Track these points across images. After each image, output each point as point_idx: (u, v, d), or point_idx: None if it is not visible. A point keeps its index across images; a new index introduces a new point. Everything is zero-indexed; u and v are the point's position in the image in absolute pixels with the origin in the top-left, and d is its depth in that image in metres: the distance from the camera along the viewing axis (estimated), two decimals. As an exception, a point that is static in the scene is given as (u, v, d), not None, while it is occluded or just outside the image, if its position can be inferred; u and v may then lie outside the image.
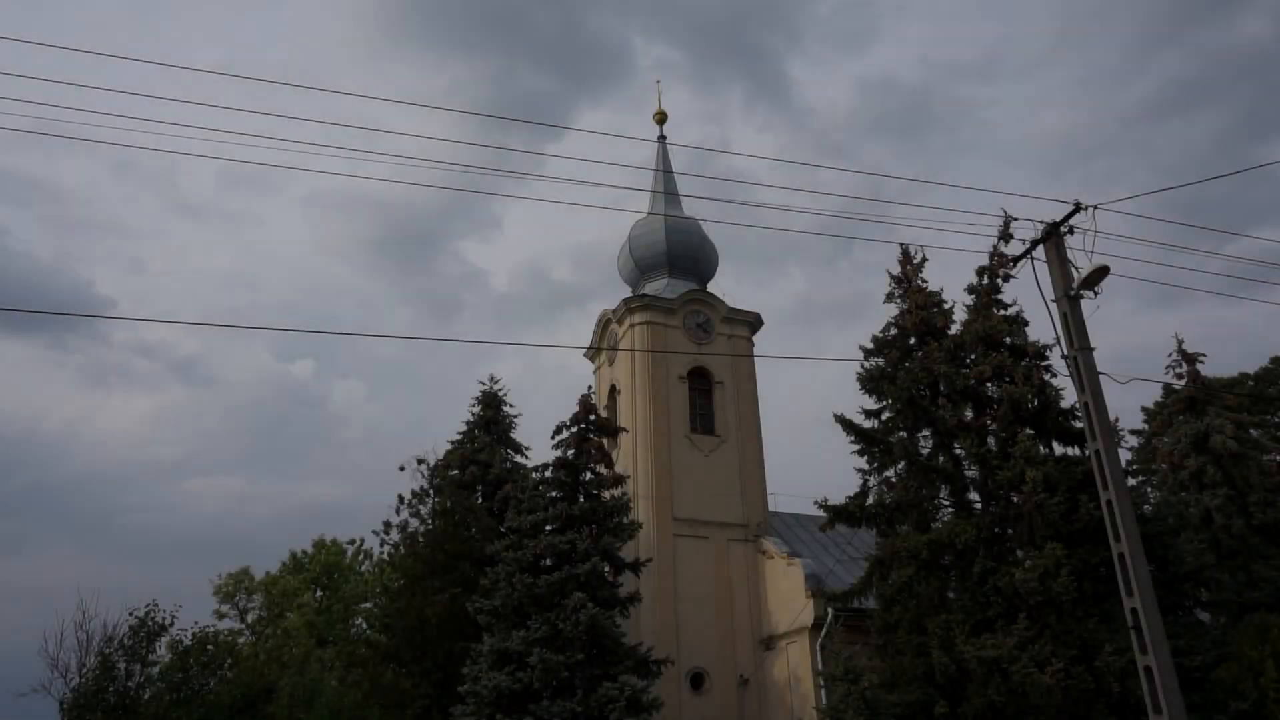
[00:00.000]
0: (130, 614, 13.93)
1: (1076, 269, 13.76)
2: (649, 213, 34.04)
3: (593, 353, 33.42)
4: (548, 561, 18.98)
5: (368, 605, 33.23)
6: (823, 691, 20.93)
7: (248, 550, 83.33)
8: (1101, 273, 13.32)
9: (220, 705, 13.16)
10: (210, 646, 14.54)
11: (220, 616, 29.05)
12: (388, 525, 24.15)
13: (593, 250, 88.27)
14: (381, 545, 25.11)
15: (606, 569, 19.58)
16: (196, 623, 14.95)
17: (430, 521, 23.10)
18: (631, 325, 30.54)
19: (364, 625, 32.12)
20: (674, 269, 32.78)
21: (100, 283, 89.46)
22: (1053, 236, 14.01)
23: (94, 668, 13.59)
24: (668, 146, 36.19)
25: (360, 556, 36.66)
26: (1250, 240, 68.61)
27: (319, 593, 34.36)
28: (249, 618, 29.21)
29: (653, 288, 32.08)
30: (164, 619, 14.02)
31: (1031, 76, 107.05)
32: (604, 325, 32.57)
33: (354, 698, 15.56)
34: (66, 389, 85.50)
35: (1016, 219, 15.50)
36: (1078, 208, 13.71)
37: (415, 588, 20.88)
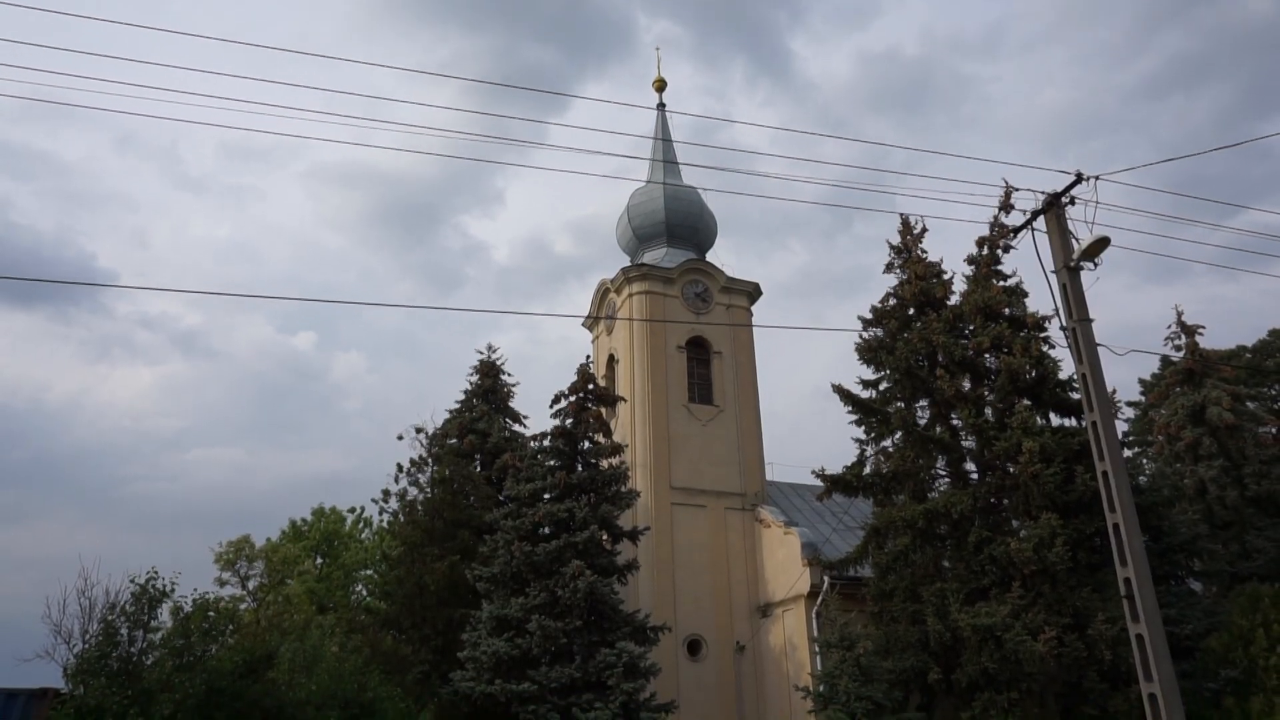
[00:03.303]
0: (131, 581, 13.99)
1: (1077, 240, 13.70)
2: (648, 181, 33.82)
3: (591, 322, 33.37)
4: (546, 529, 19.10)
5: (368, 573, 33.50)
6: (818, 658, 21.16)
7: (249, 520, 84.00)
8: (1102, 244, 13.27)
9: (222, 670, 13.26)
10: (211, 613, 14.63)
11: (221, 584, 29.27)
12: (387, 494, 24.26)
13: (594, 223, 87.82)
14: (381, 514, 25.30)
15: (604, 537, 19.71)
16: (196, 589, 15.02)
17: (429, 490, 23.19)
18: (630, 295, 30.46)
19: (364, 592, 32.42)
20: (673, 238, 32.63)
21: (103, 256, 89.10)
22: (1054, 207, 13.94)
23: (97, 634, 13.68)
24: (667, 115, 35.87)
25: (360, 525, 36.90)
26: (1251, 214, 68.34)
27: (319, 560, 34.62)
28: (250, 585, 29.44)
29: (651, 257, 31.96)
30: (164, 586, 14.09)
31: (1034, 52, 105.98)
32: (602, 295, 32.49)
33: (354, 663, 15.71)
34: (70, 361, 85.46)
35: (1017, 189, 15.44)
36: (1079, 178, 13.63)
37: (415, 555, 21.02)
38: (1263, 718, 17.37)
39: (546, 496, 19.52)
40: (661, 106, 35.82)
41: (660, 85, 36.04)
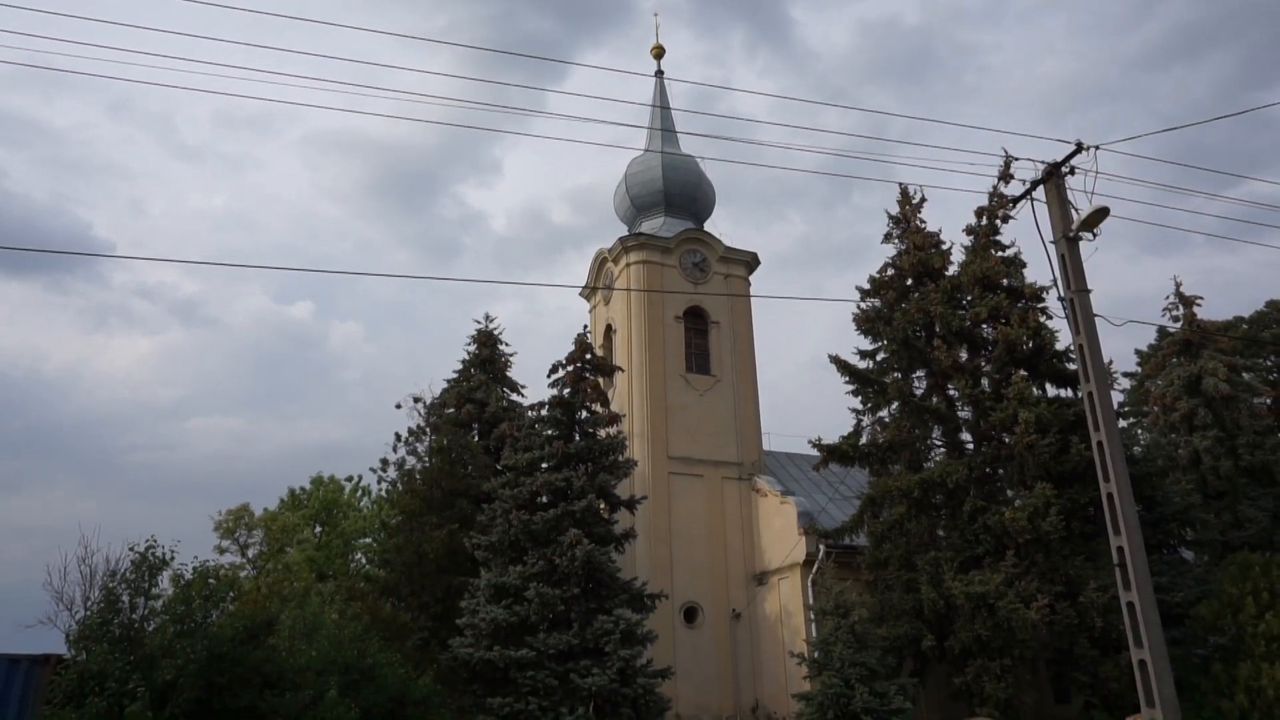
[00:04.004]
0: (131, 549, 14.08)
1: (1076, 210, 13.65)
2: (646, 150, 33.58)
3: (589, 292, 33.29)
4: (544, 498, 19.20)
5: (366, 541, 33.71)
6: (813, 625, 21.39)
7: (248, 489, 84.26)
8: (1101, 214, 13.21)
9: (223, 637, 13.37)
10: (212, 580, 14.74)
11: (221, 552, 29.47)
12: (385, 463, 24.35)
13: (592, 193, 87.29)
14: (379, 483, 25.41)
15: (602, 506, 19.82)
16: (196, 557, 15.12)
17: (427, 459, 23.26)
18: (627, 264, 30.36)
19: (363, 560, 32.64)
20: (670, 207, 32.46)
21: (98, 225, 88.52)
22: (1053, 177, 13.86)
23: (98, 601, 13.80)
24: (665, 83, 35.51)
25: (358, 494, 37.07)
26: (1250, 185, 67.98)
27: (318, 529, 34.82)
28: (249, 553, 29.64)
29: (649, 226, 31.81)
30: (164, 555, 14.18)
31: (1034, 21, 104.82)
32: (600, 264, 32.38)
33: (354, 630, 15.86)
34: (67, 331, 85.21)
35: (1017, 159, 15.36)
36: (1079, 148, 13.54)
37: (413, 524, 21.14)
38: (1250, 683, 17.64)
39: (544, 466, 19.60)
40: (660, 74, 35.46)
41: (659, 52, 35.66)
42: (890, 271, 23.36)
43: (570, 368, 20.73)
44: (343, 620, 17.03)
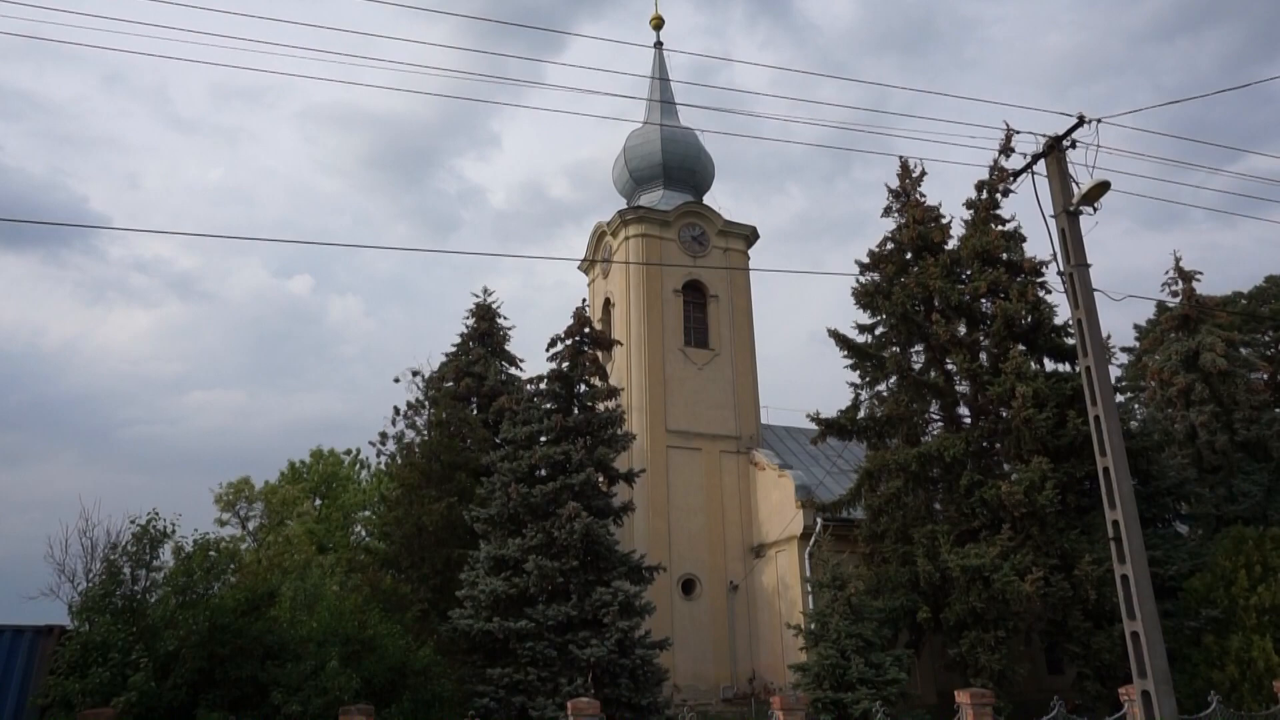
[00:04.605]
0: (131, 522, 14.14)
1: (1077, 184, 13.60)
2: (645, 122, 33.33)
3: (587, 265, 33.19)
4: (543, 472, 19.26)
5: (366, 514, 33.86)
6: (810, 597, 21.57)
7: (248, 462, 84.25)
8: (1102, 188, 13.16)
9: (225, 608, 13.48)
10: (213, 553, 14.82)
11: (222, 524, 29.61)
12: (384, 436, 24.35)
13: (590, 167, 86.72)
14: (378, 456, 25.41)
15: (600, 479, 19.88)
16: (197, 530, 15.19)
17: (426, 433, 23.29)
18: (626, 238, 30.25)
19: (363, 533, 32.80)
20: (670, 180, 32.29)
21: (94, 198, 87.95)
22: (1055, 150, 13.79)
23: (100, 573, 13.88)
24: (665, 54, 35.18)
25: (358, 467, 37.18)
26: (1252, 160, 67.62)
27: (318, 502, 34.96)
28: (250, 526, 29.78)
29: (648, 199, 31.66)
30: (165, 527, 14.24)
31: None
32: (598, 237, 32.26)
33: (354, 601, 15.97)
34: (65, 305, 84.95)
35: (1018, 132, 15.27)
36: (1081, 121, 13.46)
37: (412, 497, 21.21)
38: (1241, 654, 17.84)
39: (543, 439, 19.64)
40: (659, 45, 35.12)
41: (658, 23, 35.30)
42: (889, 246, 23.29)
43: (569, 341, 20.70)
44: (343, 592, 17.15)
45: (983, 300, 21.82)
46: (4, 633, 12.99)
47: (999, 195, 22.40)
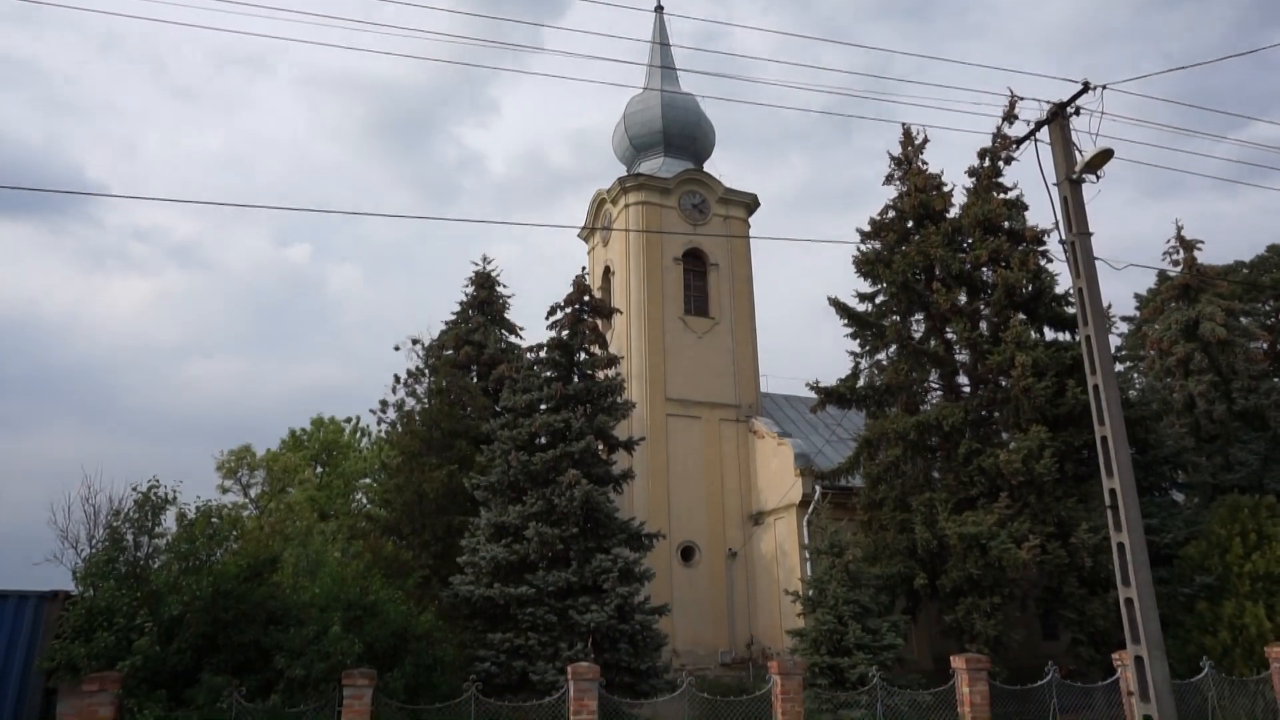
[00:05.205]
0: (133, 489, 14.21)
1: (1080, 152, 13.49)
2: (645, 88, 33.00)
3: (587, 233, 33.04)
4: (543, 440, 19.31)
5: (367, 481, 34.05)
6: (808, 564, 21.77)
7: (249, 430, 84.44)
8: (1105, 155, 13.06)
9: (228, 574, 13.60)
10: (215, 519, 14.92)
11: (224, 491, 29.79)
12: (384, 404, 24.39)
13: (591, 135, 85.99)
14: (379, 424, 25.48)
15: (600, 447, 19.94)
16: (199, 496, 15.28)
17: (426, 401, 23.33)
18: (626, 205, 30.08)
19: (364, 500, 33.01)
20: (670, 147, 32.03)
21: (92, 165, 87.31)
22: (1058, 117, 13.67)
23: (103, 539, 13.98)
24: (665, 19, 34.73)
25: (358, 435, 37.32)
26: (1257, 127, 67.06)
27: (319, 469, 35.14)
28: (252, 493, 29.96)
29: (648, 167, 31.43)
30: (167, 494, 14.32)
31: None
32: (598, 205, 32.08)
33: (356, 568, 16.11)
34: (63, 274, 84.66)
35: (1022, 99, 15.10)
36: (1086, 87, 13.32)
37: (413, 464, 21.29)
38: (1234, 620, 18.04)
39: (543, 407, 19.67)
40: (660, 9, 34.66)
41: (658, -14, 34.77)
42: (891, 214, 23.18)
43: (568, 310, 20.65)
44: (345, 559, 17.29)
45: (984, 269, 21.76)
46: (9, 598, 13.13)
47: (1001, 163, 22.25)
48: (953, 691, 15.39)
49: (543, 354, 20.54)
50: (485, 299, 26.28)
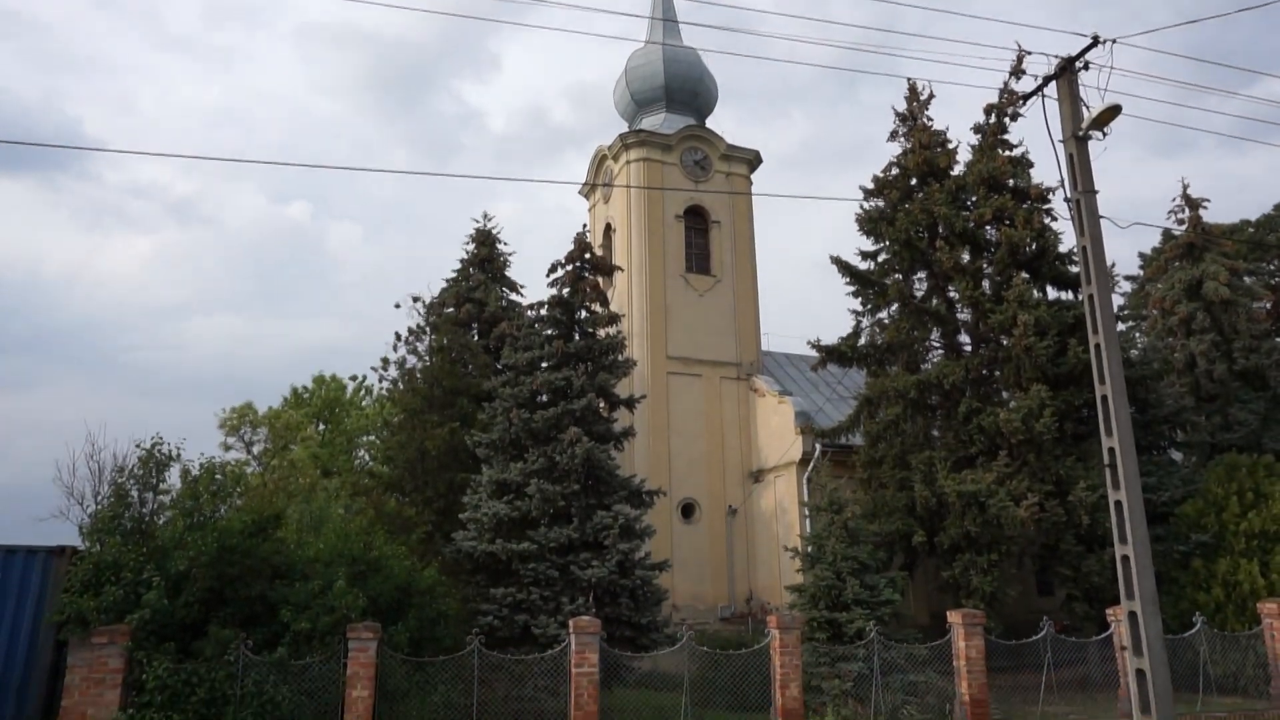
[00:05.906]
0: (137, 446, 14.28)
1: (1087, 108, 13.29)
2: (647, 42, 32.49)
3: (588, 190, 32.78)
4: (544, 397, 19.35)
5: (369, 438, 34.20)
6: (807, 521, 21.96)
7: (250, 387, 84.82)
8: (1113, 112, 12.86)
9: (232, 530, 13.72)
10: (219, 476, 15.01)
11: (227, 449, 29.91)
12: (386, 362, 24.40)
13: (592, 91, 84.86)
14: (381, 381, 25.52)
15: (601, 405, 19.98)
16: (202, 453, 15.36)
17: (428, 358, 23.32)
18: (627, 162, 29.80)
19: (366, 457, 33.20)
20: (672, 103, 31.64)
21: (89, 121, 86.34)
22: (1067, 71, 13.44)
23: (108, 496, 14.08)
24: (667, -32, 34.02)
25: (360, 392, 37.40)
26: (1268, 83, 66.07)
27: (321, 427, 35.28)
28: (255, 450, 30.09)
29: (650, 123, 31.08)
30: (170, 452, 14.40)
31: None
32: (599, 161, 31.77)
33: (359, 524, 16.26)
34: (62, 232, 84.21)
35: (1030, 54, 14.86)
36: (1095, 41, 13.08)
37: (415, 422, 21.36)
38: (1228, 577, 18.25)
39: (544, 365, 19.68)
40: (661, -40, 33.96)
41: (660, -64, 34.01)
42: (895, 171, 22.96)
43: (569, 267, 20.55)
44: (348, 515, 17.42)
45: (987, 227, 21.61)
46: (18, 552, 13.27)
47: (1007, 119, 22.00)
48: (949, 646, 15.64)
49: (544, 312, 20.49)
50: (486, 256, 26.15)
